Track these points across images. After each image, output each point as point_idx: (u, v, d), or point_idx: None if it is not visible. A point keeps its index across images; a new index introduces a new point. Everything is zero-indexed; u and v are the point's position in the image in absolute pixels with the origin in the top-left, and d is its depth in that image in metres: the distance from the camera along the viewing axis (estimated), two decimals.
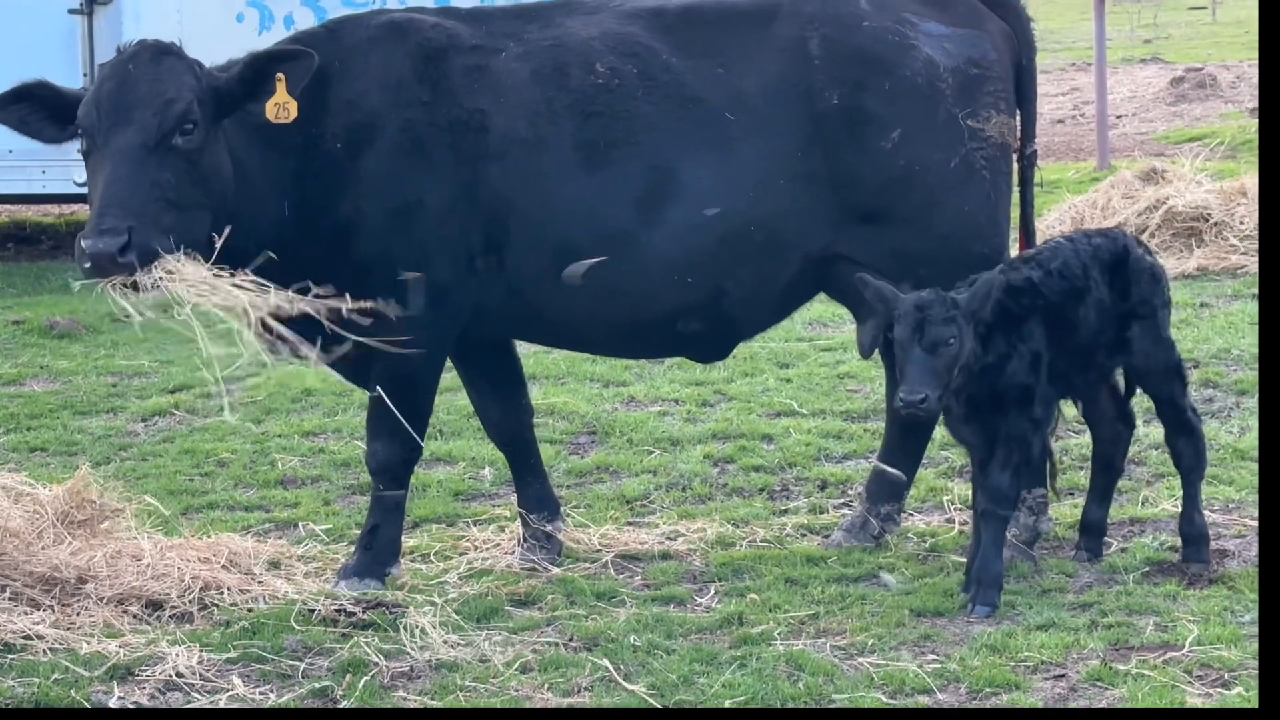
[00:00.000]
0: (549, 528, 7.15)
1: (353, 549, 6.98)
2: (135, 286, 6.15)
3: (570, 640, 6.21)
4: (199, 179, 6.36)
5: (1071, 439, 8.16)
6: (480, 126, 6.69)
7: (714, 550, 7.15)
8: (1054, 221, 12.72)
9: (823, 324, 10.99)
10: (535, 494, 7.22)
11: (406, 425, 6.69)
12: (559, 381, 9.89)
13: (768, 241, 6.75)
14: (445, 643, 6.15)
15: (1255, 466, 7.86)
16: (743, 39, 6.78)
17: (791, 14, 6.81)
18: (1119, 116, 20.65)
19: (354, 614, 6.40)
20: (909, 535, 7.22)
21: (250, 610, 6.53)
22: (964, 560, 6.83)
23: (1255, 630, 6.02)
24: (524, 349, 8.76)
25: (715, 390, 9.57)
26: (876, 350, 7.12)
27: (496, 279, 6.74)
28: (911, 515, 7.46)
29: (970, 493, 7.62)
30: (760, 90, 6.73)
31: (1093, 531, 6.83)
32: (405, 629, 6.24)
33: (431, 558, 7.17)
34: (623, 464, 8.38)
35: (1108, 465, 6.90)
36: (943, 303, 6.22)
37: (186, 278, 6.16)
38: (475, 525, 7.56)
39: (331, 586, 6.75)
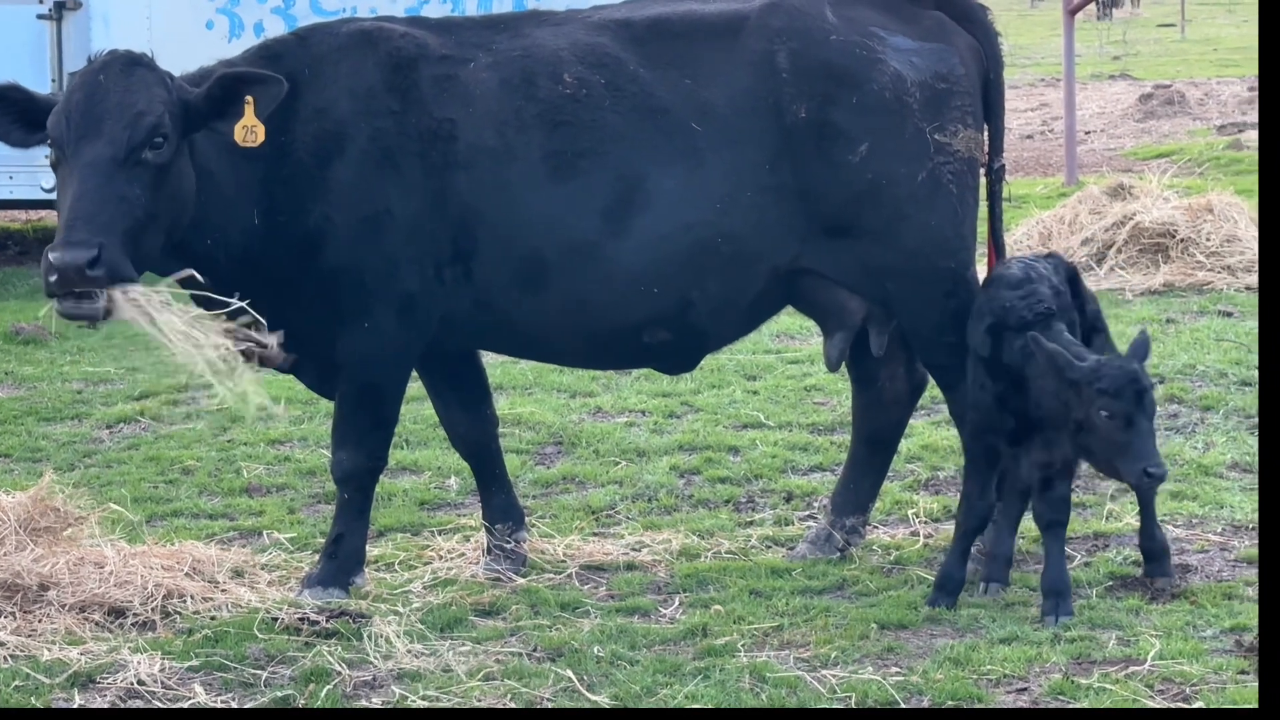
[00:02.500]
0: (513, 538, 7.15)
1: (317, 558, 6.97)
2: (89, 316, 6.16)
3: (534, 650, 6.20)
4: (167, 193, 6.36)
5: None
6: (449, 136, 6.69)
7: (679, 561, 7.16)
8: (1022, 236, 12.77)
9: (790, 336, 11.01)
10: (500, 504, 7.22)
11: (371, 434, 6.71)
12: (526, 392, 9.89)
13: (735, 254, 6.76)
14: (409, 652, 6.15)
15: (1219, 482, 7.90)
16: (711, 51, 6.79)
17: (759, 27, 6.82)
18: (1088, 132, 20.73)
19: (317, 623, 6.39)
20: (874, 548, 7.23)
21: (213, 618, 6.52)
22: (929, 574, 6.84)
23: (1218, 645, 6.05)
24: (491, 359, 8.77)
25: (682, 402, 9.58)
26: (843, 364, 7.16)
27: (464, 289, 6.74)
28: (876, 528, 7.48)
29: (927, 505, 7.68)
30: (728, 102, 6.74)
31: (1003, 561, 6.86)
32: (369, 638, 6.24)
33: (396, 567, 7.16)
34: (589, 475, 8.38)
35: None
36: (1143, 370, 6.29)
37: (139, 305, 6.18)
38: (440, 535, 7.55)
39: (295, 595, 6.74)
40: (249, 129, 6.44)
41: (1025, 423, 6.50)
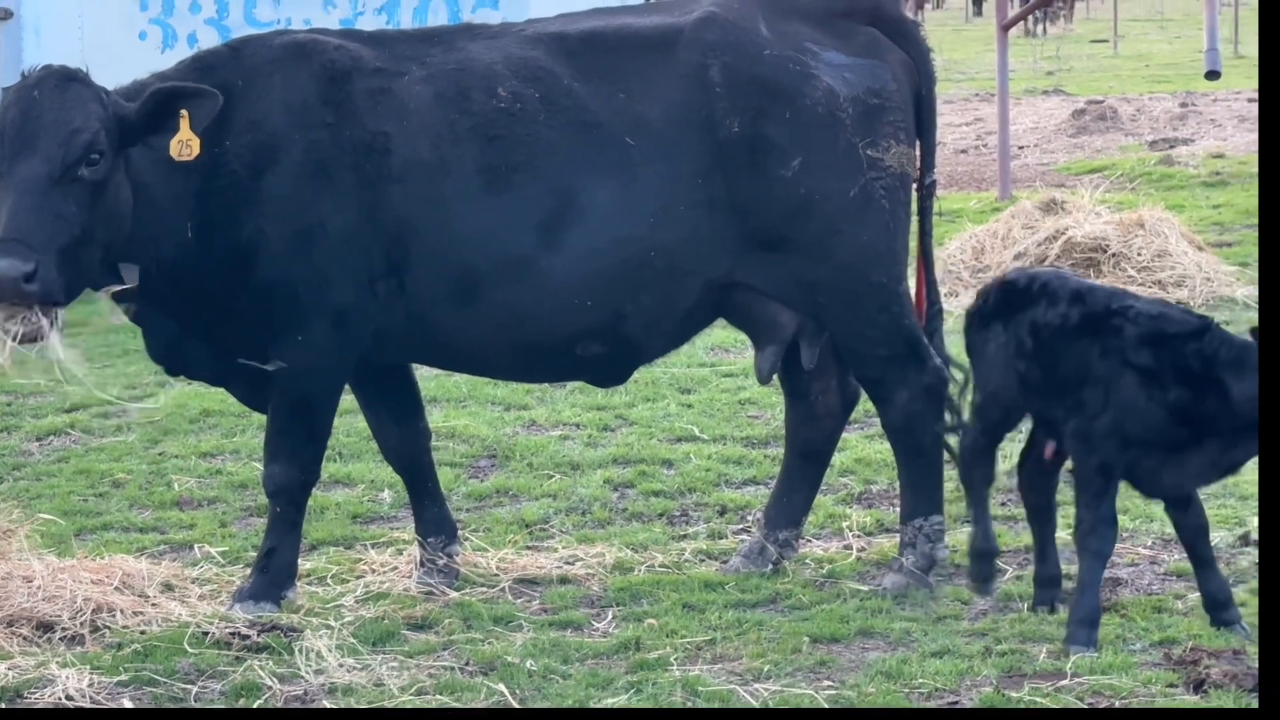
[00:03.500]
0: (446, 551, 7.13)
1: (249, 571, 6.94)
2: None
3: (466, 664, 6.19)
4: (103, 211, 6.34)
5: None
6: (383, 149, 6.68)
7: (612, 575, 7.16)
8: (955, 251, 12.84)
9: (725, 349, 11.03)
10: (433, 517, 7.21)
11: (304, 447, 6.69)
12: (460, 405, 9.87)
13: (668, 267, 6.77)
14: (340, 666, 6.13)
15: None
16: (645, 65, 6.80)
17: (693, 41, 6.83)
18: (1021, 147, 20.84)
19: (248, 637, 6.36)
20: (807, 561, 7.25)
21: (143, 633, 6.48)
22: (862, 587, 6.86)
23: (1147, 658, 6.09)
24: (426, 371, 8.75)
25: (616, 415, 9.59)
26: (775, 376, 7.18)
27: (397, 302, 6.73)
28: (810, 541, 7.49)
29: (861, 518, 7.70)
30: (662, 116, 6.75)
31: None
32: (300, 652, 6.21)
33: (328, 581, 7.13)
34: (522, 488, 8.37)
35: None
36: None
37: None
38: (373, 548, 7.53)
39: (226, 609, 6.71)
40: (184, 143, 6.42)
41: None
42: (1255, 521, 7.29)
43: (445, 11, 13.83)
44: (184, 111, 6.40)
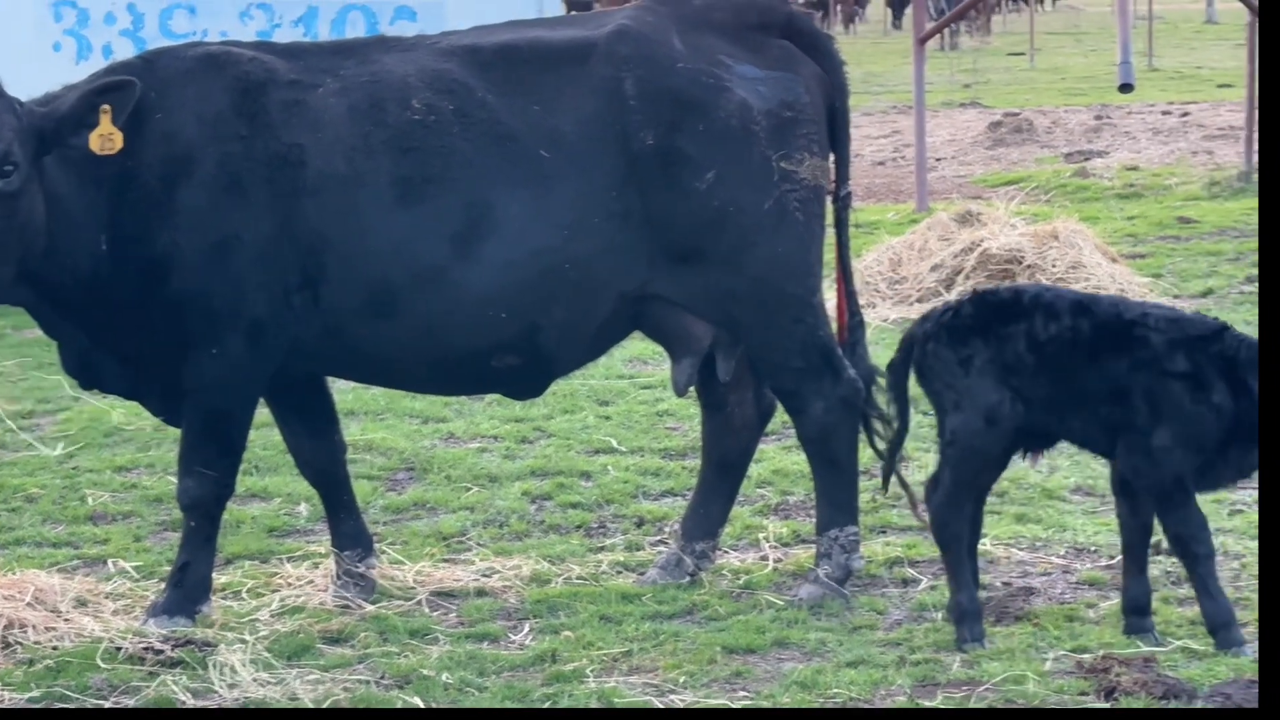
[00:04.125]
0: (363, 565, 7.12)
1: (163, 586, 6.90)
2: None
3: (382, 678, 6.18)
4: (18, 222, 6.29)
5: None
6: (297, 161, 6.67)
7: (529, 587, 7.15)
8: (872, 262, 12.91)
9: (643, 361, 11.05)
10: (348, 530, 7.19)
11: (218, 461, 6.66)
12: (378, 417, 9.85)
13: (582, 279, 6.78)
14: (255, 680, 6.10)
15: (1062, 505, 8.02)
16: (559, 78, 6.81)
17: (607, 54, 6.85)
18: (938, 159, 20.98)
19: (162, 652, 6.33)
20: (724, 572, 7.26)
21: (55, 649, 6.43)
22: (778, 598, 6.89)
23: (1059, 666, 6.14)
24: (343, 384, 8.73)
25: (535, 427, 9.59)
26: (692, 388, 7.19)
27: (312, 315, 6.71)
28: (727, 553, 7.51)
29: (777, 529, 7.73)
30: (576, 129, 6.76)
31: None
32: (214, 667, 6.19)
33: (244, 595, 7.10)
34: (440, 500, 8.36)
35: None
36: None
37: None
38: (289, 562, 7.49)
39: (140, 624, 6.67)
40: (105, 137, 6.39)
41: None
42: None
43: (363, 23, 13.81)
44: (105, 106, 6.38)
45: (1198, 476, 6.25)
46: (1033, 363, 6.31)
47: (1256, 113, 18.76)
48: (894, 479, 6.89)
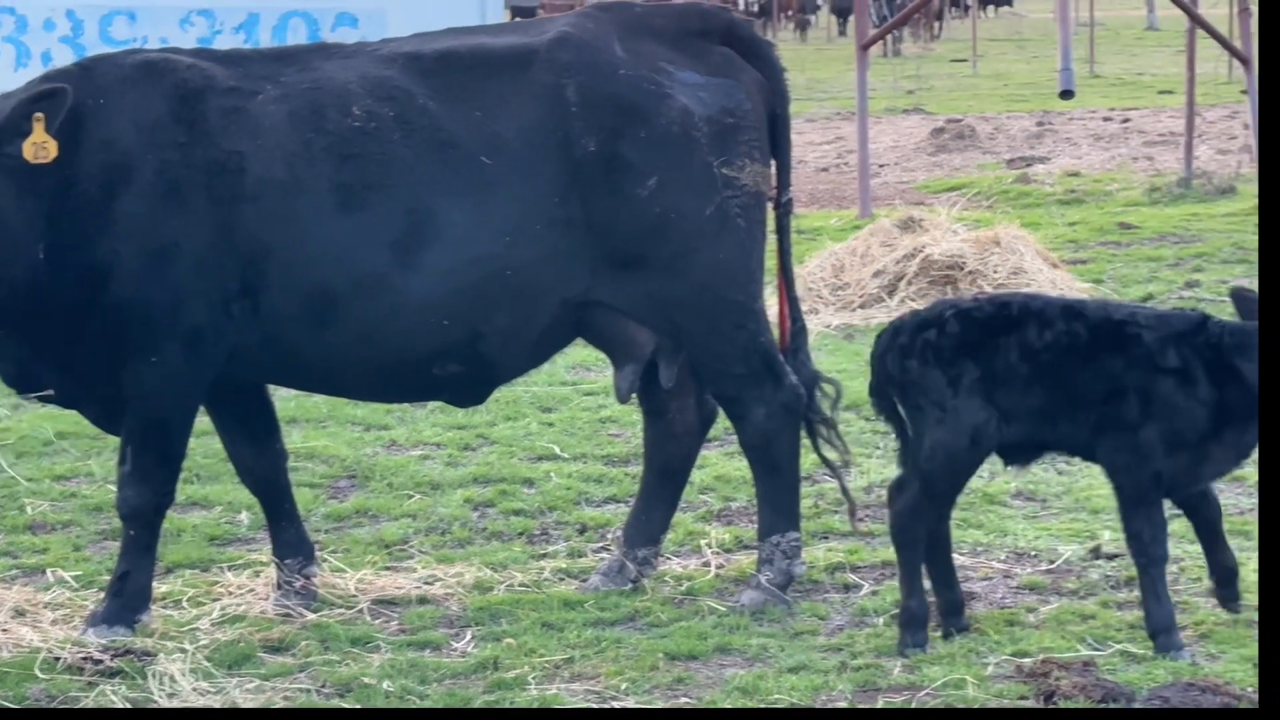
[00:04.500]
0: (304, 573, 7.09)
1: (103, 595, 6.86)
2: None
3: (323, 687, 6.16)
4: None
5: (826, 483, 8.27)
6: (237, 169, 6.64)
7: (472, 595, 7.14)
8: (814, 268, 12.94)
9: (586, 368, 11.05)
10: (290, 539, 7.16)
11: (158, 470, 6.64)
12: (320, 425, 9.82)
13: (524, 286, 6.77)
14: (194, 690, 6.08)
15: (1002, 510, 8.05)
16: (500, 84, 6.81)
17: (548, 60, 6.85)
18: (881, 165, 21.05)
19: (101, 661, 6.29)
20: (666, 579, 7.27)
21: None
22: (720, 604, 6.89)
23: (999, 670, 6.17)
24: (284, 392, 8.69)
25: (477, 434, 9.57)
26: (634, 395, 7.20)
27: (252, 323, 6.68)
28: (669, 559, 7.51)
29: (720, 535, 7.74)
30: (517, 135, 6.76)
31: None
32: (153, 676, 6.15)
33: (184, 604, 7.06)
34: (382, 508, 8.34)
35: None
36: None
37: None
38: (229, 571, 7.46)
39: (79, 634, 6.63)
40: (39, 145, 6.37)
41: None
42: (1107, 535, 7.41)
43: (305, 30, 13.78)
44: (39, 114, 6.35)
45: (1188, 471, 6.32)
46: (1026, 373, 6.31)
47: (1196, 119, 18.95)
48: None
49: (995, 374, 6.30)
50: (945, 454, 6.35)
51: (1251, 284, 9.36)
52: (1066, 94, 14.77)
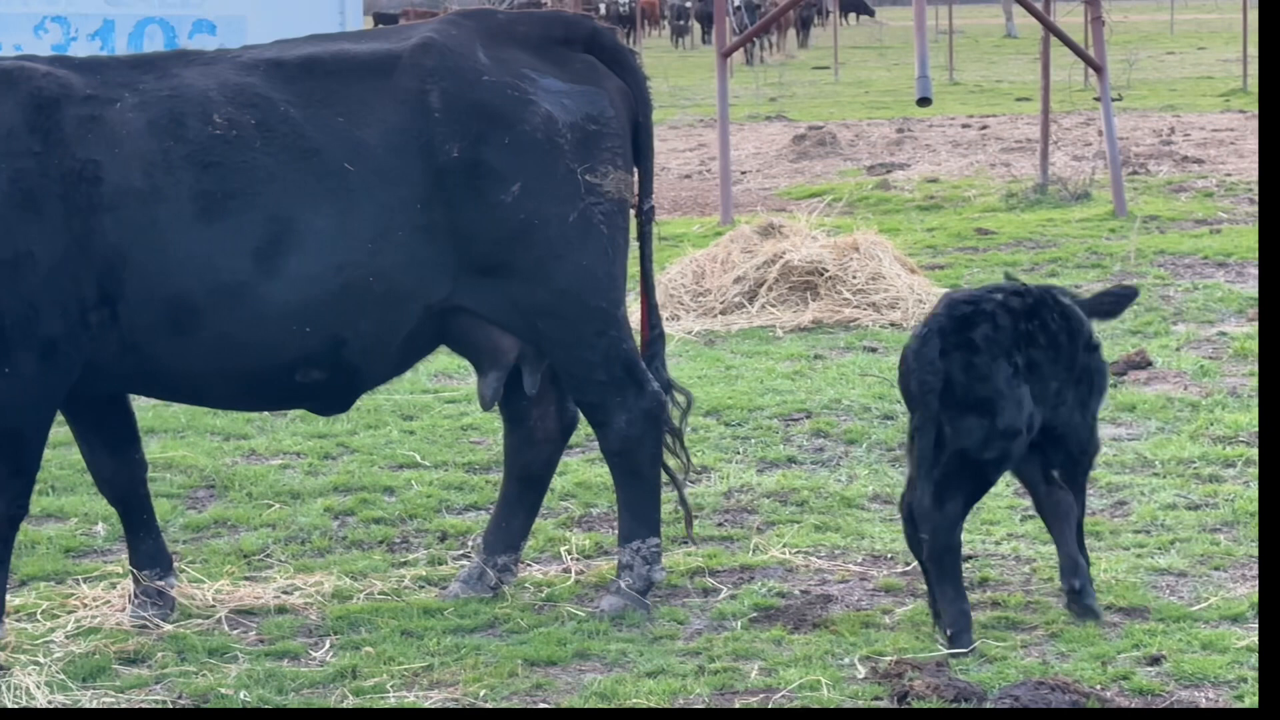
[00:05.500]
0: (161, 584, 7.05)
1: None
2: None
3: (179, 698, 6.13)
4: None
5: (688, 489, 8.31)
6: (93, 177, 6.59)
7: (331, 603, 7.13)
8: (676, 275, 13.01)
9: (448, 376, 11.04)
10: (147, 550, 7.11)
11: (11, 482, 6.57)
12: (178, 435, 9.75)
13: (387, 292, 6.77)
14: (49, 703, 6.02)
15: (860, 513, 8.14)
16: (363, 91, 6.80)
17: (411, 66, 6.85)
18: (744, 172, 21.18)
19: None
20: (526, 585, 7.29)
21: None
22: (580, 610, 6.92)
23: (854, 672, 6.24)
24: (143, 402, 8.62)
25: (338, 443, 9.54)
26: (497, 403, 7.21)
27: (110, 332, 6.63)
28: (529, 565, 7.54)
29: (580, 541, 7.77)
30: (381, 142, 6.75)
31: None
32: (7, 689, 6.10)
33: (38, 616, 6.99)
34: (241, 518, 8.30)
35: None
36: None
37: None
38: (85, 583, 7.40)
39: None
40: None
41: None
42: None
43: (162, 37, 13.66)
44: None
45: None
46: (1047, 361, 6.52)
47: (1051, 126, 19.23)
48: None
49: (1031, 364, 6.49)
50: (1002, 446, 6.42)
51: (1100, 288, 9.51)
52: (924, 101, 14.94)
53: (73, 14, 13.56)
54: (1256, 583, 7.04)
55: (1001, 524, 7.83)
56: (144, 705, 6.04)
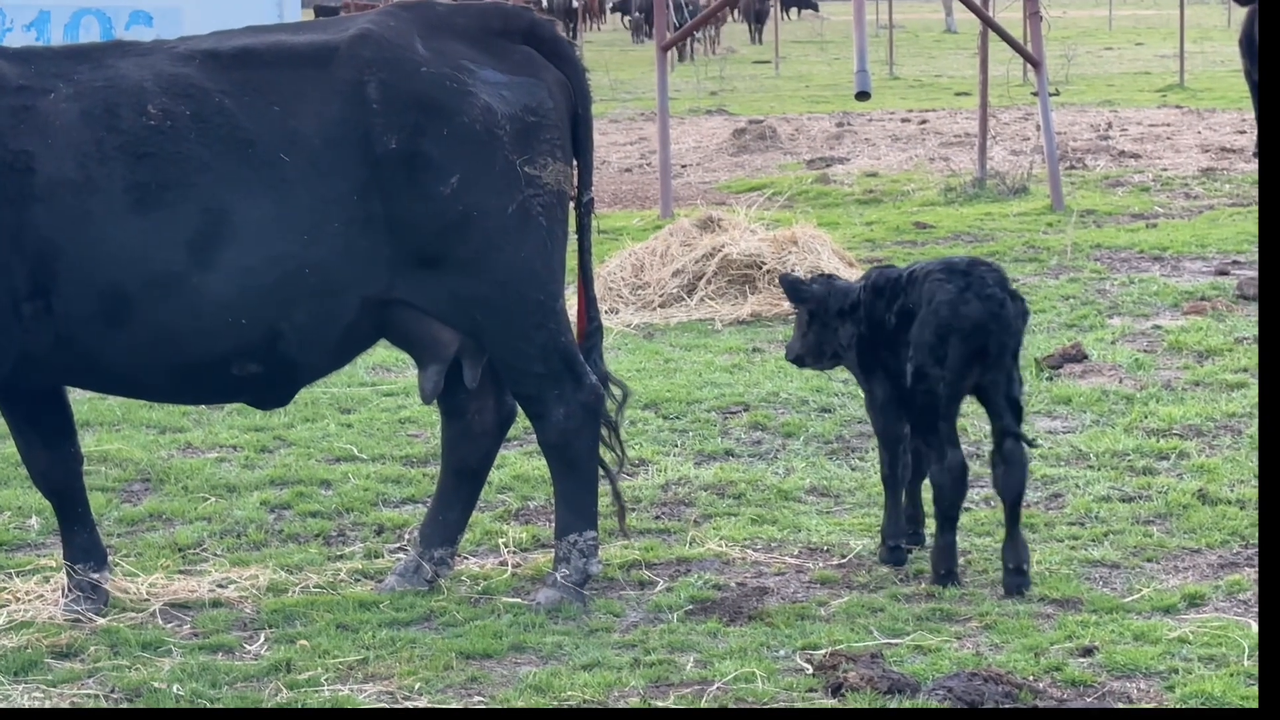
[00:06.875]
0: (94, 577, 7.01)
1: None
2: None
3: (112, 692, 6.09)
4: None
5: (624, 481, 8.31)
6: (25, 168, 6.54)
7: (266, 597, 7.10)
8: (615, 268, 13.01)
9: (386, 369, 11.02)
10: (82, 543, 7.07)
11: None
12: (114, 428, 9.69)
13: (323, 284, 6.74)
14: None
15: (797, 506, 8.16)
16: (300, 82, 6.77)
17: (349, 57, 6.82)
18: (684, 166, 21.20)
19: None
20: (463, 579, 7.28)
21: None
22: (516, 602, 6.92)
23: (790, 664, 6.26)
24: (78, 394, 8.57)
25: (275, 436, 9.51)
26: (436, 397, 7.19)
27: (44, 325, 6.59)
28: (466, 558, 7.53)
29: (517, 534, 7.77)
30: (317, 133, 6.73)
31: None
32: None
33: None
34: (176, 511, 8.25)
35: None
36: None
37: None
38: (18, 576, 7.35)
39: None
40: None
41: None
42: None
43: (98, 28, 13.58)
44: None
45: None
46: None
47: (990, 120, 19.30)
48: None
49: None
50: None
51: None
52: (862, 95, 14.97)
53: (8, 4, 13.46)
54: (1188, 574, 7.10)
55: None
56: (75, 699, 6.00)
